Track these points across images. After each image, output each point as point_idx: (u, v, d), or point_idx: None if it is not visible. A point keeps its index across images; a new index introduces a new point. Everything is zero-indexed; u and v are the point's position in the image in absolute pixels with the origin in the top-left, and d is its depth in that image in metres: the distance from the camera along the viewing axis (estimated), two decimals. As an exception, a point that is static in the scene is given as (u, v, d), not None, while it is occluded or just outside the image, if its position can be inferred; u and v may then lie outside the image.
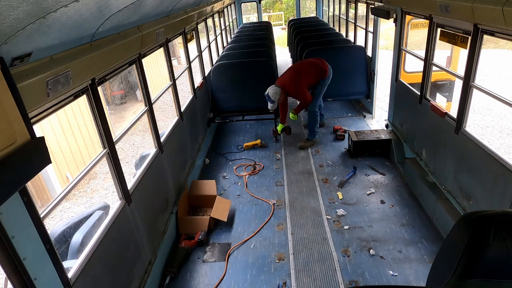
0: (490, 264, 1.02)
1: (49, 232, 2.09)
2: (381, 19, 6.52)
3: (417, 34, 7.76)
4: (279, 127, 6.67)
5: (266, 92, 6.20)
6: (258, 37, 10.60)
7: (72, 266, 2.44)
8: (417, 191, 4.96)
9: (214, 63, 8.15)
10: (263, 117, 7.25)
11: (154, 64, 13.06)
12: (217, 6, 8.91)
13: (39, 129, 7.19)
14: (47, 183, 7.57)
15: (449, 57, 7.49)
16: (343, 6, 10.63)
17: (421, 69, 4.86)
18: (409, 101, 5.36)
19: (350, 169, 5.74)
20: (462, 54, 5.64)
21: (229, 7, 12.47)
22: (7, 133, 1.50)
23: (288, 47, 14.99)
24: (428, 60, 4.69)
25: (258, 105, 6.92)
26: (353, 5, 8.88)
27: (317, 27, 11.26)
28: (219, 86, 7.19)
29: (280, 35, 23.50)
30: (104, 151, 2.95)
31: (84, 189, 8.07)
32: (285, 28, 22.94)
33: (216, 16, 9.50)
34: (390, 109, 6.40)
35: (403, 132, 5.79)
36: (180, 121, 5.20)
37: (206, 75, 7.30)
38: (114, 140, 3.08)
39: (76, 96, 2.56)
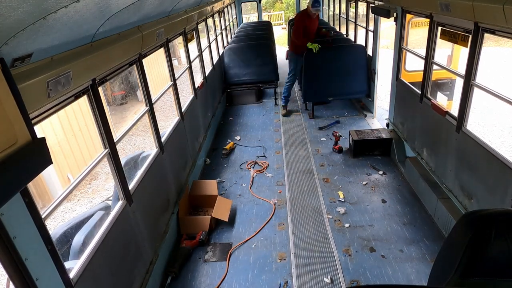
0: (491, 263, 1.02)
1: (50, 232, 2.10)
2: (382, 18, 6.51)
3: (417, 33, 7.74)
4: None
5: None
6: (258, 36, 10.58)
7: (73, 266, 2.44)
8: (418, 190, 4.95)
9: (214, 63, 8.20)
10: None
11: (154, 64, 13.05)
12: (217, 6, 8.92)
13: (40, 130, 7.20)
14: (48, 184, 7.58)
15: (450, 55, 7.47)
16: (343, 5, 10.61)
17: (422, 67, 4.86)
18: (410, 100, 5.35)
19: (351, 169, 5.74)
20: (463, 52, 5.62)
21: (229, 7, 12.45)
22: (8, 134, 1.50)
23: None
24: (428, 59, 4.68)
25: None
26: (353, 4, 8.87)
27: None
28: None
29: (280, 35, 23.49)
30: (105, 151, 2.95)
31: (86, 189, 8.07)
32: (285, 28, 22.93)
33: (216, 16, 9.50)
34: (390, 108, 6.39)
35: (404, 131, 5.78)
36: (180, 121, 5.20)
37: (206, 74, 7.32)
38: (115, 141, 3.09)
39: (76, 96, 2.56)
